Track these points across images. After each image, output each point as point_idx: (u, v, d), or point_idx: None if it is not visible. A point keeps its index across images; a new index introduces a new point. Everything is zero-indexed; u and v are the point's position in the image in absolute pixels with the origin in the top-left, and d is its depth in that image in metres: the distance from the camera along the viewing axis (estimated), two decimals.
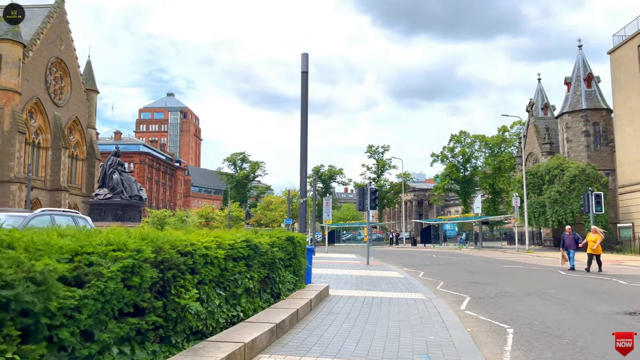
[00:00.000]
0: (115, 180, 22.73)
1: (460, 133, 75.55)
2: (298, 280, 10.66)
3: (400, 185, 77.93)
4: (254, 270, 7.55)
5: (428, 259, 30.75)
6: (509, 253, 38.20)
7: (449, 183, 75.99)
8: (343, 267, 22.35)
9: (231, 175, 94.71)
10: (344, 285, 14.45)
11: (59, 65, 47.54)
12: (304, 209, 12.73)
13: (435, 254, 36.61)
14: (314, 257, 26.17)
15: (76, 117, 50.07)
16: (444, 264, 25.28)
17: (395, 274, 18.91)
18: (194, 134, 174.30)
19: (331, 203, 38.35)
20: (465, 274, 19.29)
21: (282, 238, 9.57)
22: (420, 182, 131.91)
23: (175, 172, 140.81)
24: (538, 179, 43.62)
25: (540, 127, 53.37)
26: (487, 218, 51.18)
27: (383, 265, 24.13)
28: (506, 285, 14.58)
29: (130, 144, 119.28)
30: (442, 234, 55.96)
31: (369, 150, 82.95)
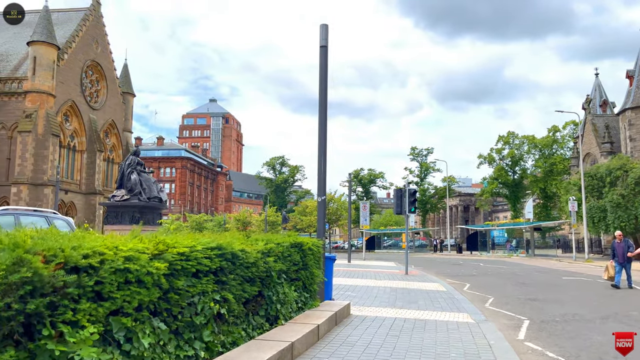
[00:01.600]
0: (134, 180, 21.29)
1: (508, 134, 71.61)
2: (309, 298, 8.54)
3: (444, 190, 74.51)
4: (232, 288, 5.48)
5: (474, 268, 27.97)
6: (565, 262, 34.73)
7: (496, 187, 72.04)
8: (378, 277, 20.06)
9: (270, 180, 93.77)
10: (374, 300, 12.21)
11: (95, 69, 47.37)
12: (323, 210, 10.62)
13: (483, 263, 33.64)
14: (338, 266, 23.77)
15: (112, 121, 49.82)
16: (492, 275, 22.54)
17: (436, 286, 16.49)
18: (236, 139, 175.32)
19: (369, 207, 36.02)
20: (519, 287, 16.63)
21: (285, 244, 7.48)
22: (466, 186, 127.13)
23: (217, 177, 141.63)
24: (598, 181, 39.76)
25: (598, 125, 49.21)
26: (539, 224, 47.42)
27: (424, 275, 21.68)
28: (572, 304, 11.96)
29: (172, 149, 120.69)
30: (489, 241, 52.46)
31: (411, 153, 79.92)
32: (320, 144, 10.66)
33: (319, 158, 10.69)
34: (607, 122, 49.10)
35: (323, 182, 10.69)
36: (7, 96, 39.75)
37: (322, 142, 10.66)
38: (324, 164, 10.66)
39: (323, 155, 10.65)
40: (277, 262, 7.05)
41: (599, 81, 57.14)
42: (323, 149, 10.66)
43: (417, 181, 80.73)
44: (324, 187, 10.69)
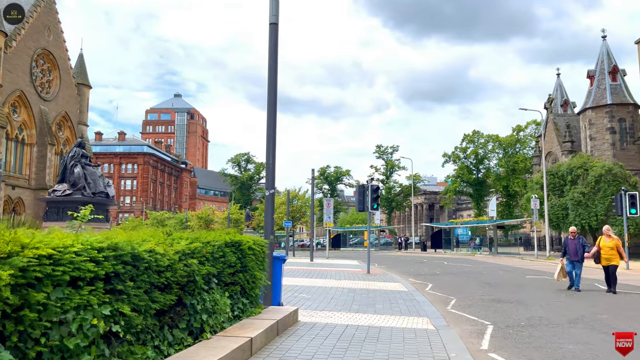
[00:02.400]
0: (77, 174, 19.74)
1: (473, 133, 72.14)
2: (249, 304, 7.50)
3: (410, 188, 74.53)
4: (133, 298, 4.40)
5: (438, 266, 27.43)
6: (527, 260, 34.70)
7: (460, 185, 72.52)
8: (338, 276, 19.15)
9: (235, 177, 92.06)
10: (328, 303, 11.25)
11: (47, 58, 44.92)
12: (271, 205, 9.58)
13: (447, 261, 33.24)
14: (298, 265, 22.50)
15: (65, 113, 47.41)
16: (456, 274, 21.96)
17: (398, 286, 15.69)
18: (201, 136, 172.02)
19: (333, 204, 35.14)
20: (483, 287, 15.99)
21: (216, 244, 6.41)
22: (432, 185, 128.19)
23: (181, 174, 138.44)
24: (559, 179, 40.06)
25: (560, 125, 49.77)
26: (503, 222, 47.59)
27: (386, 274, 20.90)
28: (537, 306, 11.28)
29: (134, 145, 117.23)
30: (454, 239, 52.43)
31: (377, 151, 79.76)
32: (269, 131, 9.62)
33: (267, 146, 9.65)
34: (568, 121, 49.71)
35: (272, 174, 9.65)
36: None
37: (270, 129, 9.62)
38: (272, 153, 9.62)
39: (272, 143, 9.61)
40: (205, 264, 5.98)
41: (560, 81, 57.96)
42: (272, 136, 9.62)
43: (382, 179, 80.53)
44: (272, 179, 9.64)
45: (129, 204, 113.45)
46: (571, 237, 15.10)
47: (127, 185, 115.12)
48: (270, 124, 9.63)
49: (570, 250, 14.71)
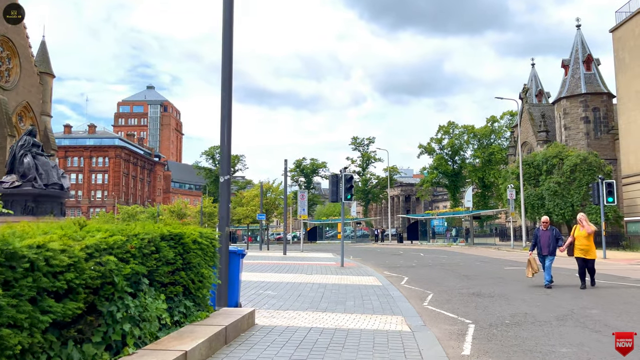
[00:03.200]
0: (27, 164, 18.23)
1: (448, 124, 71.96)
2: (194, 307, 6.42)
3: (386, 180, 74.02)
4: (5, 311, 3.29)
5: (415, 258, 26.70)
6: (504, 251, 34.33)
7: (436, 176, 72.32)
8: (310, 270, 18.16)
9: (209, 170, 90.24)
10: (295, 301, 10.23)
11: (6, 44, 42.59)
12: (227, 192, 8.48)
13: (423, 253, 32.60)
14: (270, 259, 21.13)
15: (27, 103, 45.16)
16: (433, 265, 21.20)
17: (372, 280, 14.78)
18: (175, 128, 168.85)
19: (307, 196, 34.08)
20: (461, 279, 15.19)
21: (148, 237, 5.31)
22: (408, 177, 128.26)
23: (154, 167, 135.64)
24: (534, 169, 39.79)
25: (535, 115, 49.62)
26: (479, 212, 47.32)
27: (361, 267, 20.00)
28: (520, 301, 10.47)
29: (105, 138, 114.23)
30: (430, 230, 52.03)
31: (353, 143, 79.05)
32: (224, 111, 8.51)
33: (222, 128, 8.54)
34: (543, 111, 49.61)
35: (227, 159, 8.56)
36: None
37: (225, 109, 8.51)
38: (227, 136, 8.52)
39: (226, 124, 8.51)
40: (130, 262, 4.88)
41: (535, 72, 57.88)
42: (227, 117, 8.52)
43: (359, 171, 79.87)
44: (227, 164, 8.55)
45: (100, 199, 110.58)
46: (543, 227, 13.05)
47: (99, 180, 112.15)
48: (224, 103, 8.53)
49: (541, 243, 12.89)
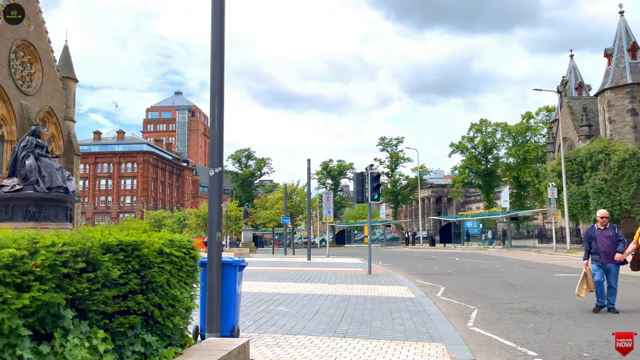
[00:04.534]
0: (29, 166, 16.97)
1: (480, 121, 69.07)
2: (161, 342, 4.69)
3: (416, 180, 71.55)
4: None
5: (450, 263, 24.57)
6: (546, 254, 31.75)
7: (468, 176, 69.46)
8: (334, 279, 16.35)
9: (236, 174, 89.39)
10: (309, 321, 8.44)
11: (27, 49, 42.26)
12: (217, 187, 6.77)
13: (458, 257, 30.36)
14: (293, 265, 18.61)
15: (50, 108, 44.77)
16: (471, 272, 19.10)
17: (403, 290, 12.89)
18: (203, 133, 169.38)
19: (332, 198, 32.33)
20: (508, 290, 13.12)
21: (66, 249, 3.61)
22: (438, 177, 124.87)
23: (183, 172, 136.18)
24: (578, 165, 37.03)
25: (575, 108, 46.62)
26: (517, 213, 44.57)
27: (390, 274, 18.08)
28: (594, 322, 8.41)
29: (134, 143, 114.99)
30: (463, 233, 49.49)
31: (381, 143, 76.77)
32: (214, 85, 6.81)
33: (212, 107, 6.85)
34: (585, 104, 46.57)
35: (218, 145, 6.84)
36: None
37: (216, 83, 6.81)
38: (219, 115, 6.82)
39: (218, 101, 6.80)
40: (33, 287, 3.19)
41: (574, 63, 54.70)
42: (218, 92, 6.81)
43: (387, 172, 77.57)
44: (219, 152, 6.83)
45: (129, 204, 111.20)
46: (600, 225, 9.57)
47: (128, 185, 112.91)
48: (215, 75, 6.83)
49: (599, 247, 9.36)
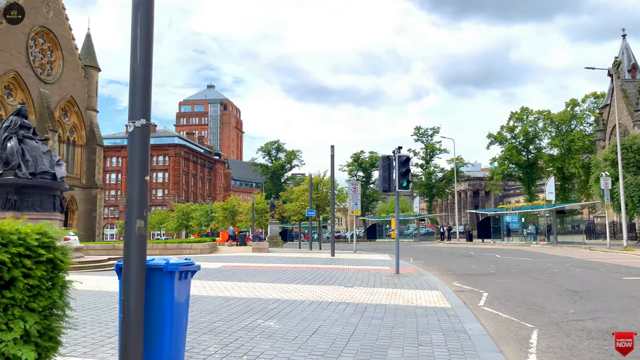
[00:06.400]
0: (10, 149, 15.13)
1: (521, 110, 64.84)
2: None
3: (452, 173, 67.99)
4: None
5: (490, 261, 21.68)
6: (599, 252, 28.31)
7: (508, 168, 65.42)
8: (353, 279, 13.86)
9: (266, 166, 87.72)
10: (300, 346, 5.98)
11: (47, 36, 41.22)
12: (139, 150, 4.42)
13: (499, 254, 27.34)
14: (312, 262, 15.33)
15: (71, 97, 43.74)
16: (518, 273, 16.25)
17: (435, 297, 10.31)
18: (235, 127, 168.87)
19: (359, 189, 29.76)
20: (570, 299, 10.34)
21: None
22: (476, 170, 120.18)
23: (215, 165, 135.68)
24: (634, 154, 33.27)
25: (630, 92, 42.46)
26: (563, 206, 40.85)
27: (422, 274, 15.46)
28: None
29: (165, 136, 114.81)
30: (503, 227, 46.04)
31: (416, 133, 73.35)
32: None
33: (133, 30, 4.44)
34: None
35: (143, 88, 4.44)
36: None
37: None
38: (145, 42, 4.42)
39: (144, 15, 4.40)
40: None
41: (626, 44, 50.16)
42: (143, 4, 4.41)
43: (422, 164, 74.23)
44: (144, 100, 4.43)
45: (161, 197, 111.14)
46: None
47: (159, 178, 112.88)
48: None
49: None
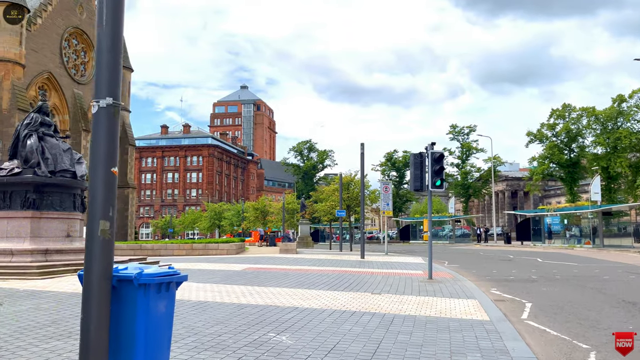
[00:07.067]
0: (29, 147, 14.76)
1: (563, 107, 62.00)
2: None
3: (489, 172, 65.75)
4: None
5: (532, 266, 20.24)
6: None
7: (548, 167, 62.72)
8: (382, 285, 12.85)
9: (298, 166, 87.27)
10: None
11: (80, 37, 41.68)
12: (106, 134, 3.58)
13: (541, 257, 25.72)
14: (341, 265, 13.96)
15: None
16: (564, 279, 14.88)
17: (472, 307, 9.22)
18: (268, 127, 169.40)
19: (391, 189, 28.64)
20: (629, 312, 9.05)
21: None
22: (514, 170, 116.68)
23: (248, 166, 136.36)
24: None
25: None
26: (610, 207, 38.54)
27: (456, 279, 14.32)
28: None
29: (199, 137, 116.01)
30: (544, 229, 43.93)
31: (451, 131, 71.35)
32: None
33: None
34: None
35: (112, 64, 3.62)
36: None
37: None
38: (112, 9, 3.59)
39: None
40: None
41: None
42: None
43: (457, 163, 72.13)
44: (112, 77, 3.61)
45: (194, 197, 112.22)
46: None
47: (193, 178, 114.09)
48: None
49: None
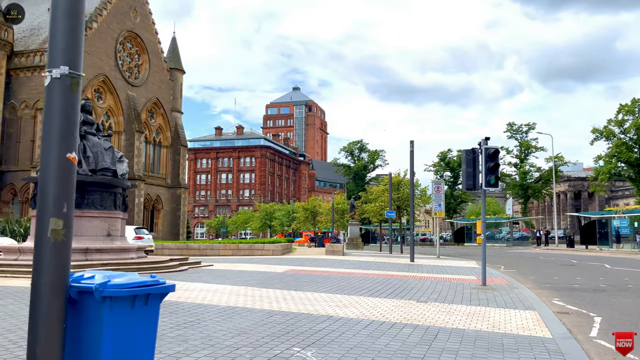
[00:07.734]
0: None
1: (633, 102, 57.90)
2: None
3: (549, 172, 62.40)
4: None
5: (599, 272, 18.48)
6: None
7: (616, 166, 58.71)
8: (429, 292, 11.84)
9: (348, 167, 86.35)
10: None
11: (134, 41, 42.69)
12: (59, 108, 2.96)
13: (609, 263, 23.64)
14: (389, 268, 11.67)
15: (157, 99, 45.04)
16: (637, 289, 13.28)
17: (530, 320, 8.11)
18: (320, 128, 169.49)
19: (443, 189, 27.31)
20: None
21: None
22: (577, 170, 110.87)
23: (299, 166, 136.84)
24: None
25: None
26: None
27: (512, 286, 13.08)
28: None
29: (252, 138, 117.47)
30: (611, 233, 40.93)
31: (509, 130, 68.32)
32: None
33: None
34: None
35: (71, 30, 2.94)
36: (30, 70, 35.84)
37: None
38: None
39: None
40: None
41: None
42: None
43: (515, 162, 68.98)
44: (72, 43, 2.92)
45: (247, 197, 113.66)
46: None
47: (246, 179, 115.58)
48: None
49: None
